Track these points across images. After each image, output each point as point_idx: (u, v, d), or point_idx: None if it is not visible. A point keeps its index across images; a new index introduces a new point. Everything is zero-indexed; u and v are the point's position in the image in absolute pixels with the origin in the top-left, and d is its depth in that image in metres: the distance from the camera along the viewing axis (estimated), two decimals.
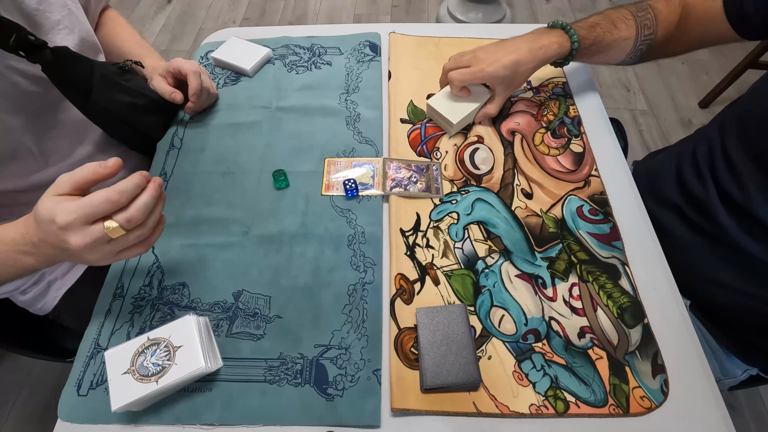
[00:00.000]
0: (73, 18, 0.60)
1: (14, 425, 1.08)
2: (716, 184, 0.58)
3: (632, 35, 0.62)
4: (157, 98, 0.67)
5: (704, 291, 0.59)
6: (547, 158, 0.65)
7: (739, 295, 0.57)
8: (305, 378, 0.48)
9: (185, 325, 0.46)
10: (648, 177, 0.65)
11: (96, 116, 0.62)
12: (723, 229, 0.57)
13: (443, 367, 0.46)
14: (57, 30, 0.57)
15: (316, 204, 0.61)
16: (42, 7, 0.55)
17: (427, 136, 0.68)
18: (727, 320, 0.61)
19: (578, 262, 0.55)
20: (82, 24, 0.62)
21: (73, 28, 0.59)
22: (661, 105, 1.68)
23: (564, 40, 0.62)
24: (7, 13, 0.51)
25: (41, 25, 0.55)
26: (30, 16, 0.54)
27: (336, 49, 0.80)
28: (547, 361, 0.49)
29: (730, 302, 0.59)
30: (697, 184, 0.60)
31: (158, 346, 0.45)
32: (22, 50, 0.50)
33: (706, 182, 0.59)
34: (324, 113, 0.71)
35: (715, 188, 0.58)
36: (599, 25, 0.63)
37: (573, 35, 0.62)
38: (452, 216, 0.60)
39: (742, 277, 0.57)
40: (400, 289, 0.54)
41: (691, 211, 0.61)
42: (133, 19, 2.07)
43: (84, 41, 0.61)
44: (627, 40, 0.63)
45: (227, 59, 0.77)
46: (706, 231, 0.59)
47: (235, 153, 0.67)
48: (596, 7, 2.05)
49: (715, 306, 0.61)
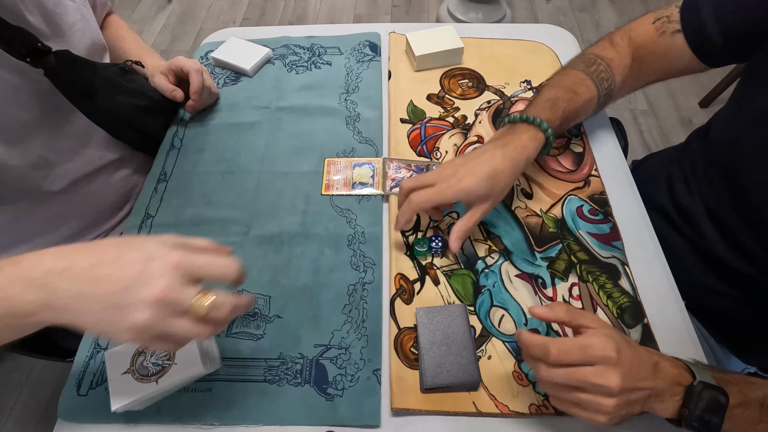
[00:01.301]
0: (86, 22, 0.61)
1: (14, 425, 1.08)
2: (701, 195, 0.58)
3: (594, 94, 0.58)
4: (158, 98, 0.67)
5: (694, 294, 0.59)
6: (547, 158, 0.65)
7: (726, 298, 0.58)
8: (305, 378, 0.48)
9: None
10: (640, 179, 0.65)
11: (100, 119, 0.63)
12: (707, 240, 0.57)
13: (443, 367, 0.46)
14: (73, 32, 0.58)
15: (315, 204, 0.61)
16: (59, 9, 0.57)
17: (427, 136, 0.68)
18: (720, 321, 0.61)
19: (578, 262, 0.55)
20: (93, 28, 0.63)
21: (86, 31, 0.61)
22: (661, 104, 1.68)
23: (536, 135, 0.53)
24: (30, 14, 0.52)
25: (59, 25, 0.56)
26: (50, 16, 0.55)
27: (336, 49, 0.80)
28: None
29: (719, 305, 0.59)
30: (686, 194, 0.60)
31: None
32: (29, 56, 0.51)
33: (693, 193, 0.60)
34: (324, 113, 0.71)
35: (700, 199, 0.58)
36: (560, 99, 0.56)
37: (545, 128, 0.53)
38: (452, 216, 0.60)
39: (726, 284, 0.57)
40: (400, 289, 0.54)
41: (678, 218, 0.61)
42: (133, 20, 2.07)
43: (94, 44, 0.63)
44: (590, 101, 0.58)
45: (227, 59, 0.77)
46: (691, 239, 0.60)
47: (235, 153, 0.67)
48: (596, 7, 2.05)
49: (707, 308, 0.61)
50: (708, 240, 0.57)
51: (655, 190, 0.65)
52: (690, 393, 0.39)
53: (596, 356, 0.37)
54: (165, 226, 0.59)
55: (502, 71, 0.76)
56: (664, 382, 0.39)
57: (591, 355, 0.37)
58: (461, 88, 0.74)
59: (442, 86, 0.75)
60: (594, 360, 0.37)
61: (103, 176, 0.66)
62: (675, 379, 0.40)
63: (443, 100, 0.73)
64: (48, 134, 0.57)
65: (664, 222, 0.63)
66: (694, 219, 0.59)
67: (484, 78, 0.76)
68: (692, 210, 0.59)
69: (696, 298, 0.59)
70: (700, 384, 0.39)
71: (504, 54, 0.79)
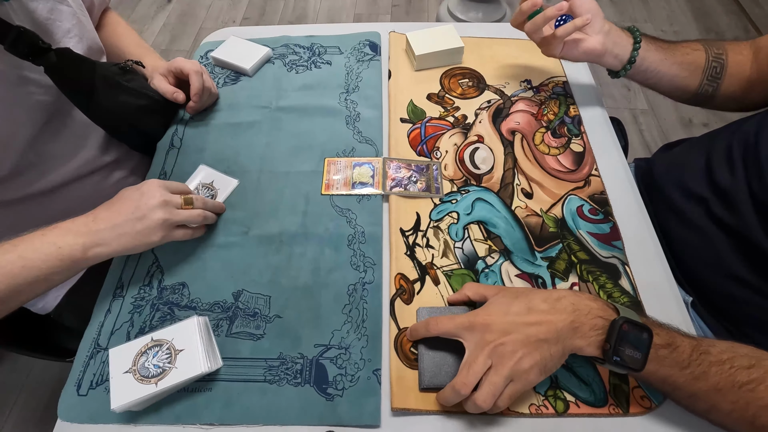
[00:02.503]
0: (82, 26, 0.61)
1: (14, 425, 1.08)
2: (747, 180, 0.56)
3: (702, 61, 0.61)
4: (158, 98, 0.67)
5: (717, 285, 0.58)
6: (548, 158, 0.65)
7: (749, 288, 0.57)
8: (305, 378, 0.48)
9: (188, 329, 0.47)
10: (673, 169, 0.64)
11: (99, 117, 0.63)
12: (747, 226, 0.56)
13: (442, 368, 0.46)
14: (68, 38, 0.58)
15: (315, 204, 0.61)
16: (53, 16, 0.56)
17: (427, 136, 0.68)
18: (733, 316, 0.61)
19: (578, 262, 0.55)
20: (90, 32, 0.63)
21: (82, 36, 0.61)
22: (661, 104, 1.68)
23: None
24: (21, 22, 0.52)
25: (53, 33, 0.56)
26: (42, 25, 0.55)
27: (336, 48, 0.80)
28: None
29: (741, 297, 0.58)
30: (728, 177, 0.58)
31: (160, 347, 0.45)
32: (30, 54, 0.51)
33: (737, 177, 0.57)
34: (324, 113, 0.71)
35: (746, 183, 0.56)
36: (678, 48, 0.62)
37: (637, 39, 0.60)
38: (452, 216, 0.59)
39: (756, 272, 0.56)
40: (400, 288, 0.54)
41: (717, 204, 0.59)
42: (133, 19, 2.07)
43: (91, 48, 0.63)
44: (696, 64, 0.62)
45: (227, 59, 0.77)
46: (729, 226, 0.58)
47: (235, 153, 0.67)
48: (601, 6, 2.04)
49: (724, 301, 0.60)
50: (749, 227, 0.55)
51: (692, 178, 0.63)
52: (612, 327, 0.40)
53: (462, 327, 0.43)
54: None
55: (503, 71, 0.76)
56: (574, 315, 0.40)
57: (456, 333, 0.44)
58: (461, 87, 0.74)
59: (442, 86, 0.75)
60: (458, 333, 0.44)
61: (97, 178, 0.66)
62: (593, 312, 0.41)
63: (443, 100, 0.73)
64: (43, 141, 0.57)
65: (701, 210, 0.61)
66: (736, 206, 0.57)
67: (485, 77, 0.76)
68: (736, 197, 0.57)
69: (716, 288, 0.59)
70: (623, 318, 0.40)
71: (504, 53, 0.79)
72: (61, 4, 0.58)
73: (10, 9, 0.51)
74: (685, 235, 0.57)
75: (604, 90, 1.73)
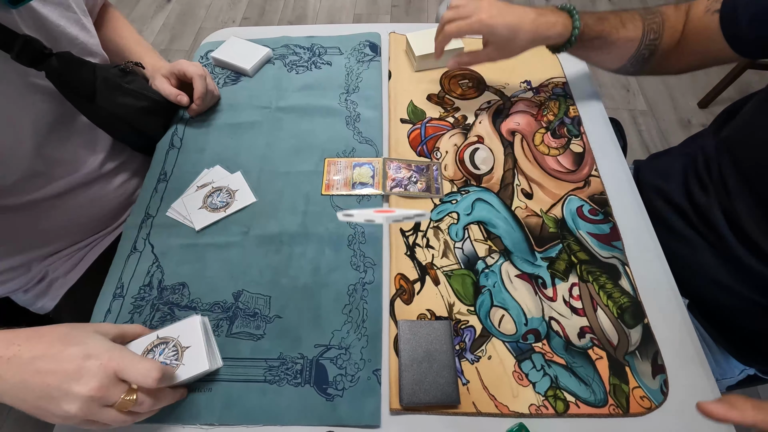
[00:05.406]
0: (86, 32, 0.61)
1: (14, 425, 1.08)
2: (717, 196, 0.58)
3: (638, 36, 0.61)
4: (158, 99, 0.67)
5: (704, 290, 0.59)
6: (547, 158, 0.65)
7: (736, 296, 0.58)
8: (305, 378, 0.48)
9: (192, 326, 0.46)
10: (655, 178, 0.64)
11: (101, 120, 0.63)
12: (723, 239, 0.57)
13: (422, 386, 0.46)
14: (73, 45, 0.58)
15: (316, 204, 0.61)
16: (62, 23, 0.56)
17: (427, 136, 0.68)
18: (724, 320, 0.61)
19: (578, 262, 0.55)
20: (94, 39, 0.63)
21: (87, 43, 0.61)
22: (660, 105, 1.68)
23: (567, 22, 0.60)
24: (28, 29, 0.52)
25: (59, 40, 0.56)
26: (52, 31, 0.55)
27: (336, 49, 0.80)
28: (547, 361, 0.49)
29: (727, 302, 0.59)
30: (702, 194, 0.60)
31: (167, 345, 0.45)
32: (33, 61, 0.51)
33: (708, 193, 0.59)
34: (324, 113, 0.71)
35: (716, 200, 0.58)
36: (607, 21, 0.61)
37: (576, 21, 0.60)
38: (452, 216, 0.60)
39: (738, 280, 0.57)
40: (400, 289, 0.54)
41: (695, 217, 0.61)
42: (132, 19, 2.06)
43: (94, 55, 0.62)
44: (632, 42, 0.61)
45: (227, 59, 0.77)
46: (708, 238, 0.59)
47: (235, 153, 0.67)
48: (595, 6, 2.05)
49: (713, 305, 0.61)
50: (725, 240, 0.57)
51: (673, 189, 0.65)
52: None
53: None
54: (165, 226, 0.59)
55: (502, 71, 0.76)
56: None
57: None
58: (461, 88, 0.74)
59: (442, 86, 0.75)
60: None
61: (101, 183, 0.66)
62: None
63: (443, 100, 0.73)
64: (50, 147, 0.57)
65: (682, 220, 0.62)
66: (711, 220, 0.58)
67: (484, 78, 0.76)
68: (709, 212, 0.59)
69: (704, 295, 0.59)
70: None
71: None
72: (67, 11, 0.58)
73: (18, 16, 0.51)
74: (670, 242, 0.57)
75: (604, 91, 1.74)
